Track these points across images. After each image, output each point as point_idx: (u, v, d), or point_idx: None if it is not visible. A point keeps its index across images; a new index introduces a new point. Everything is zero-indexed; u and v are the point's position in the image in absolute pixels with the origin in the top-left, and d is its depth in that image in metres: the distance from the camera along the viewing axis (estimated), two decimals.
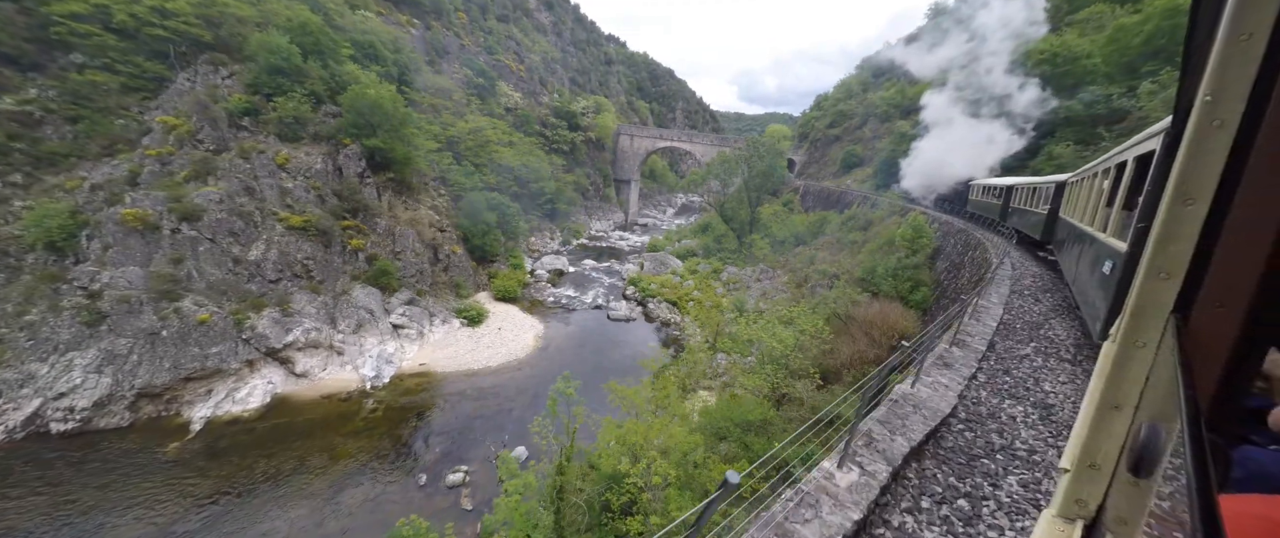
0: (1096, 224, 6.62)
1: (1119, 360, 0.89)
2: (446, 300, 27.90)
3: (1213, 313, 0.77)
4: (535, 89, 76.65)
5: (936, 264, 21.48)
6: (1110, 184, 6.34)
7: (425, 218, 28.90)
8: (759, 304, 32.51)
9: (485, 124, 49.03)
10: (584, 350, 28.15)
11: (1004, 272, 12.62)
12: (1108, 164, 6.84)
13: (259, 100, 24.30)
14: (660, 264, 43.34)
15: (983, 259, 14.71)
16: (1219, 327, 0.77)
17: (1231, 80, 0.71)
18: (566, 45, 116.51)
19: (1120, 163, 6.07)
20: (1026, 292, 11.24)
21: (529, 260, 43.13)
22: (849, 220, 38.75)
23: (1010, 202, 17.13)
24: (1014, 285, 11.49)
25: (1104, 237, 5.95)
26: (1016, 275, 12.52)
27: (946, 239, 23.00)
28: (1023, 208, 15.01)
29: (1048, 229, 11.78)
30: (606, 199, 76.67)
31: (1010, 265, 13.54)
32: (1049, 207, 11.52)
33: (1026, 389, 6.45)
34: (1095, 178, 7.38)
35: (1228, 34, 0.70)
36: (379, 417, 19.74)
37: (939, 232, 24.14)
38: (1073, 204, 9.24)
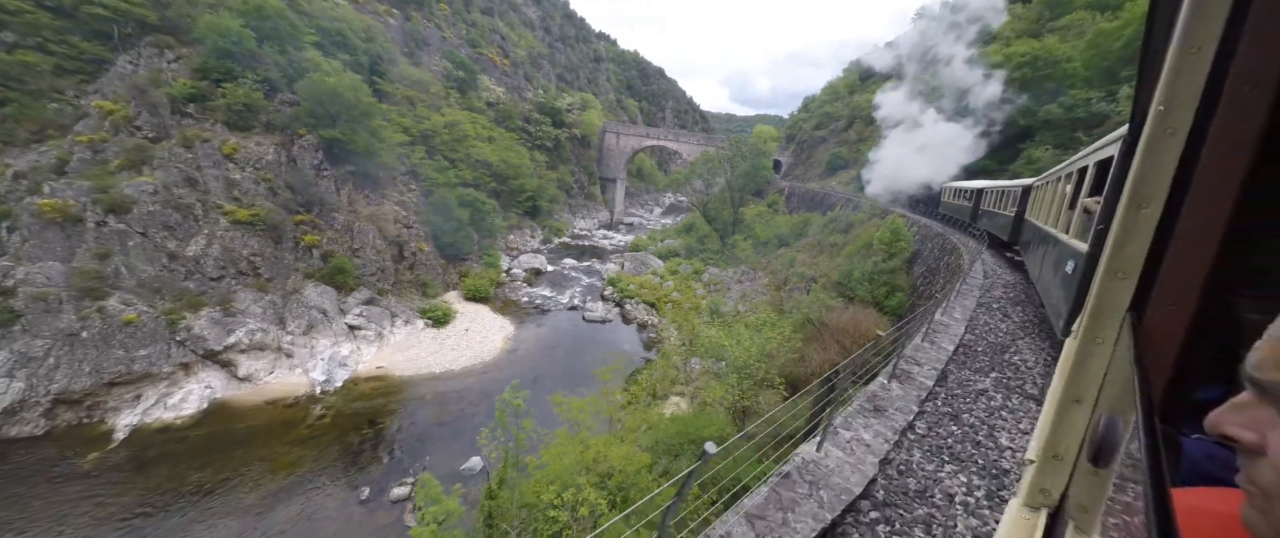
0: (1060, 226, 6.74)
1: (1079, 356, 0.94)
2: (411, 300, 26.69)
3: (1165, 311, 0.82)
4: (520, 84, 75.24)
5: (914, 268, 20.95)
6: (1073, 188, 6.50)
7: (390, 214, 27.62)
8: (738, 306, 31.83)
9: (463, 118, 47.63)
10: (556, 353, 27.16)
11: (974, 279, 11.93)
12: (1070, 168, 7.01)
13: (207, 86, 22.85)
14: (641, 264, 42.48)
15: (956, 265, 14.07)
16: (1170, 325, 0.81)
17: (1182, 90, 0.75)
18: (554, 41, 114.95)
19: (1082, 167, 6.24)
20: (995, 305, 10.43)
21: (506, 259, 41.96)
22: (831, 222, 38.29)
23: (980, 204, 17.38)
24: (983, 297, 10.70)
25: (1067, 238, 6.08)
26: (987, 285, 11.78)
27: (925, 243, 22.51)
28: (992, 210, 15.22)
29: (1015, 231, 11.94)
30: (591, 197, 75.58)
31: (981, 273, 12.86)
32: (1016, 209, 11.63)
33: (977, 445, 5.15)
34: (1059, 182, 7.54)
35: (1179, 47, 0.74)
36: (326, 424, 18.54)
37: (918, 235, 23.65)
38: (1038, 207, 9.39)
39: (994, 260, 15.54)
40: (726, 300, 34.26)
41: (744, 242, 44.16)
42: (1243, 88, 0.69)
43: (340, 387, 20.44)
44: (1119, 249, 0.87)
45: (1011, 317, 9.64)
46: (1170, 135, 0.79)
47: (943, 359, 7.09)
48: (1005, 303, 10.59)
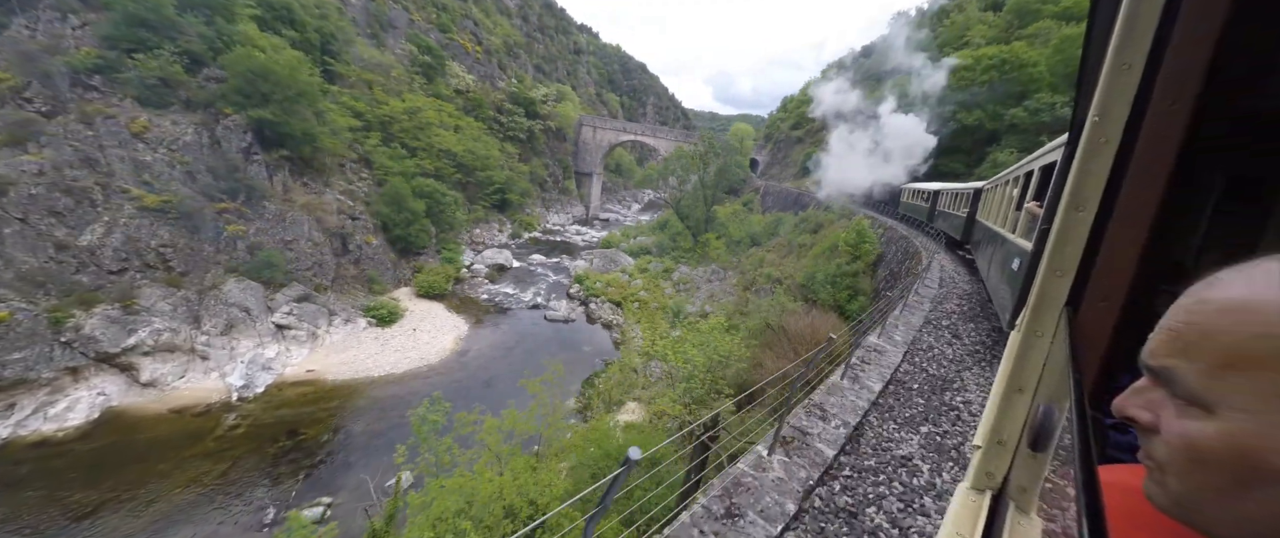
0: (1007, 226, 6.97)
1: (1022, 349, 0.99)
2: (354, 297, 24.81)
3: (1096, 307, 0.88)
4: (493, 73, 72.70)
5: (878, 271, 20.39)
6: (1019, 191, 6.73)
7: (333, 204, 25.61)
8: (704, 307, 30.98)
9: (427, 105, 45.32)
10: (512, 355, 25.73)
11: (928, 287, 11.12)
12: (1017, 173, 7.27)
13: (117, 57, 20.46)
14: (610, 262, 41.24)
15: (914, 272, 13.32)
16: (1101, 319, 0.88)
17: (1114, 103, 0.82)
18: (533, 31, 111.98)
19: (1028, 171, 6.48)
20: (945, 322, 9.20)
21: (469, 254, 40.10)
22: (802, 222, 37.82)
23: (936, 205, 18.05)
24: (934, 310, 9.74)
25: (1013, 237, 6.30)
26: (940, 295, 10.90)
27: (889, 246, 22.01)
28: (947, 211, 15.80)
29: (967, 231, 12.30)
30: (565, 192, 73.79)
31: (937, 279, 12.10)
32: (968, 210, 11.99)
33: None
34: (1007, 185, 7.80)
35: (1112, 64, 0.81)
36: (239, 435, 16.75)
37: (883, 237, 23.13)
38: (988, 208, 9.60)
39: (953, 266, 14.91)
40: (694, 300, 33.40)
41: (717, 240, 43.42)
42: (1165, 102, 0.76)
43: (261, 393, 18.59)
44: (1058, 248, 0.93)
45: (962, 338, 8.46)
46: (1104, 144, 0.85)
47: (862, 406, 5.60)
48: (957, 319, 9.48)
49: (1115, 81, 0.81)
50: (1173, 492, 0.47)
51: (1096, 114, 0.85)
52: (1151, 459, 0.49)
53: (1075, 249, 0.91)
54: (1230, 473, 0.41)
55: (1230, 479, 0.41)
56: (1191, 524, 0.46)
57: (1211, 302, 0.45)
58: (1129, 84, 0.80)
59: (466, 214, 44.15)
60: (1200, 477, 0.44)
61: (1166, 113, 0.76)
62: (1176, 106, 0.75)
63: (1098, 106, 0.85)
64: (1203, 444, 0.43)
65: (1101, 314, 0.87)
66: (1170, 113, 0.75)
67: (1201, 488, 0.44)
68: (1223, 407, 0.42)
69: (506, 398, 16.68)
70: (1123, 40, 0.79)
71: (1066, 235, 0.92)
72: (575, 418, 20.57)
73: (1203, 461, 0.43)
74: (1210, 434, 0.43)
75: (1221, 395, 0.42)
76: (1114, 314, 0.86)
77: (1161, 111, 0.76)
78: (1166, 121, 0.76)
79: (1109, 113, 0.83)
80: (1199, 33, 0.71)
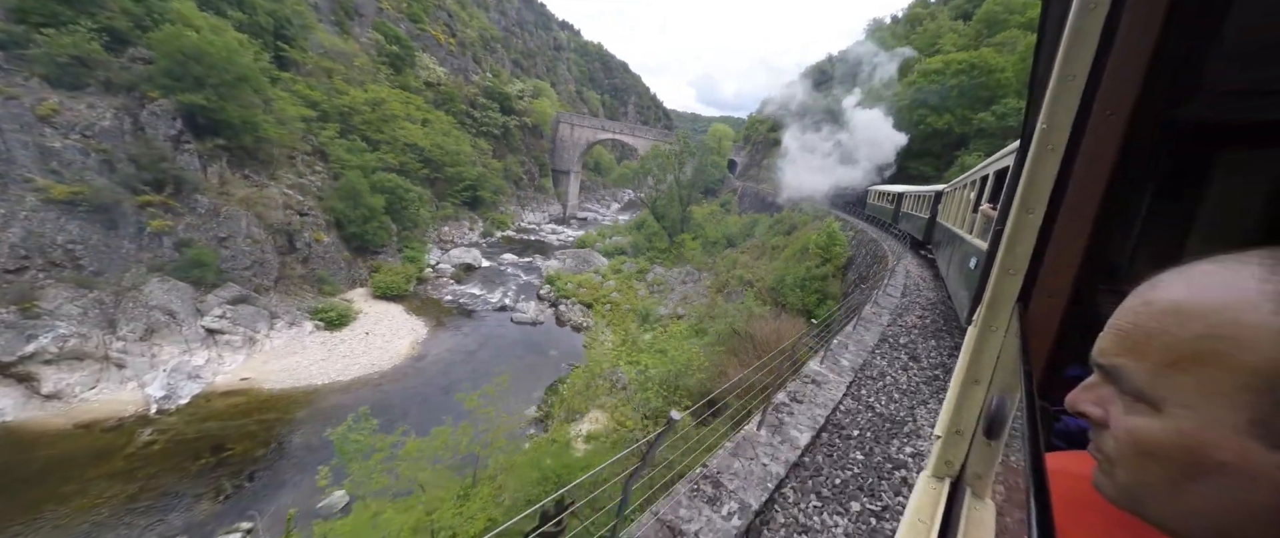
0: (965, 227, 7.17)
1: (978, 343, 1.03)
2: (301, 299, 23.16)
3: (1044, 303, 0.94)
4: (467, 66, 70.57)
5: (848, 274, 20.05)
6: (976, 194, 6.95)
7: (278, 198, 23.87)
8: (677, 309, 30.31)
9: (392, 96, 43.36)
10: (474, 359, 24.49)
11: (890, 296, 10.56)
12: (974, 177, 7.47)
13: (24, 32, 18.42)
14: (583, 262, 40.22)
15: (884, 277, 12.81)
16: (1048, 314, 0.93)
17: (1060, 112, 0.87)
18: (511, 25, 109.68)
19: (984, 176, 6.70)
20: (903, 341, 8.12)
21: (436, 253, 38.48)
22: (777, 224, 37.61)
23: (901, 207, 18.42)
24: (894, 325, 8.97)
25: (970, 238, 6.49)
26: (903, 306, 10.25)
27: (859, 249, 21.76)
28: (910, 213, 16.24)
29: (928, 231, 12.61)
30: (542, 190, 72.26)
31: (901, 287, 11.58)
32: (930, 212, 12.30)
33: None
34: (965, 188, 8.02)
35: (1058, 75, 0.86)
36: (155, 451, 15.15)
37: (853, 240, 22.88)
38: (948, 210, 9.82)
39: (918, 271, 14.51)
40: (667, 301, 32.71)
41: (693, 241, 42.89)
42: (1105, 112, 0.81)
43: (186, 404, 16.95)
44: (1010, 248, 0.98)
45: (920, 359, 7.41)
46: (1051, 151, 0.90)
47: (777, 473, 4.31)
48: (917, 335, 8.49)
49: (1061, 91, 0.86)
50: (1121, 483, 0.48)
51: (1044, 122, 0.90)
52: (1101, 452, 0.51)
53: (1026, 249, 0.96)
54: (1175, 467, 0.43)
55: (1175, 472, 0.43)
56: (1138, 514, 0.48)
57: (1156, 303, 0.47)
58: (1073, 94, 0.85)
59: (434, 211, 42.45)
60: (1147, 470, 0.45)
61: (1106, 122, 0.81)
62: (1114, 116, 0.80)
63: (1045, 115, 0.89)
64: (1149, 439, 0.45)
65: (1049, 310, 0.94)
66: (1109, 122, 0.81)
67: (1148, 480, 0.46)
68: (1168, 404, 0.44)
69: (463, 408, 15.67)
70: (1068, 53, 0.84)
71: (1018, 236, 0.97)
72: (536, 428, 19.60)
73: (1149, 454, 0.45)
74: (1156, 430, 0.44)
75: (1166, 393, 0.44)
76: (1060, 310, 0.92)
77: (1102, 120, 0.82)
78: (1106, 130, 0.81)
79: (1055, 121, 0.88)
80: (1135, 49, 0.76)
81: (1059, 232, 0.90)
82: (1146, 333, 0.46)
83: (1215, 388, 0.41)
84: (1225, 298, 0.42)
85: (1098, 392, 0.52)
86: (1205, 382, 0.42)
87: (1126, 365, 0.47)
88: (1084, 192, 0.85)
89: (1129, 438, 0.47)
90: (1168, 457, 0.43)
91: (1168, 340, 0.44)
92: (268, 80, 27.56)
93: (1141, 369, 0.46)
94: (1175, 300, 0.45)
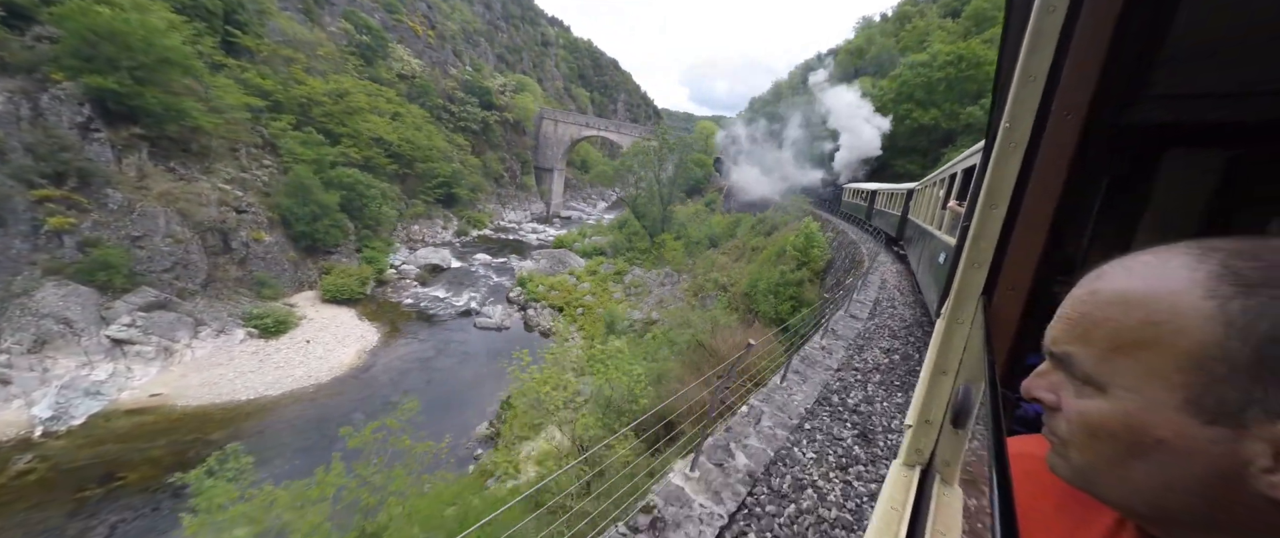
0: (935, 223, 7.27)
1: (946, 335, 1.05)
2: (235, 303, 21.19)
3: (1007, 295, 0.97)
4: (446, 59, 68.36)
5: (826, 279, 18.59)
6: (945, 191, 7.11)
7: (208, 194, 21.83)
8: (651, 314, 28.71)
9: (357, 88, 41.21)
10: (428, 369, 22.69)
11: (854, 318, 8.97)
12: (944, 175, 7.59)
13: None
14: (558, 263, 38.46)
15: (857, 284, 11.28)
16: (1010, 306, 0.97)
17: (1022, 111, 0.89)
18: (497, 19, 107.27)
19: (952, 174, 6.91)
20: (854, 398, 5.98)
21: (404, 252, 36.49)
22: (759, 223, 36.17)
23: (874, 204, 18.42)
24: (854, 356, 7.25)
25: (940, 234, 6.61)
26: (868, 330, 8.47)
27: (840, 252, 20.35)
28: (883, 210, 16.25)
29: (901, 228, 12.65)
30: (524, 187, 70.26)
31: (871, 303, 10.02)
32: (902, 209, 12.33)
33: None
34: (935, 186, 8.12)
35: (1020, 76, 0.88)
36: (30, 482, 13.18)
37: (833, 242, 21.43)
38: (919, 207, 9.80)
39: (897, 279, 13.02)
40: (644, 305, 31.11)
41: (674, 241, 41.34)
42: (1063, 112, 0.84)
43: (80, 424, 14.98)
44: (975, 243, 1.00)
45: (875, 438, 5.09)
46: (1014, 148, 0.92)
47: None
48: (879, 386, 6.29)
49: (1023, 91, 0.88)
50: (1074, 464, 0.51)
51: (1007, 121, 0.92)
52: (1055, 435, 0.53)
53: (990, 243, 0.98)
54: (1121, 445, 0.46)
55: (1121, 451, 0.46)
56: (1090, 491, 0.51)
57: (1100, 292, 0.49)
58: (1034, 94, 0.87)
59: (403, 209, 40.44)
60: (1097, 449, 0.48)
61: (1064, 121, 0.84)
62: (1072, 116, 0.84)
63: (1008, 114, 0.92)
64: (1097, 420, 0.47)
65: (1011, 302, 0.97)
66: (1067, 122, 0.84)
67: (1097, 459, 0.48)
68: (1113, 387, 0.46)
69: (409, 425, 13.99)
70: (1029, 55, 0.85)
71: (982, 231, 0.99)
72: (484, 447, 17.90)
73: (1098, 435, 0.48)
74: (1104, 411, 0.47)
75: (1111, 377, 0.46)
76: (1021, 302, 0.96)
77: (1060, 120, 0.85)
78: (1064, 129, 0.85)
79: (1017, 120, 0.90)
80: (1090, 53, 0.80)
81: (1021, 227, 0.94)
82: (1093, 321, 0.48)
83: (1155, 370, 0.44)
84: (1161, 286, 0.44)
85: (1050, 378, 0.53)
86: (1146, 365, 0.44)
87: (1075, 352, 0.49)
88: (1044, 188, 0.89)
89: (1080, 420, 0.49)
90: (1114, 436, 0.46)
91: (1112, 327, 0.46)
92: (207, 66, 25.51)
93: (1089, 355, 0.48)
94: (1118, 290, 0.47)
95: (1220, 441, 0.41)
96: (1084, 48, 0.80)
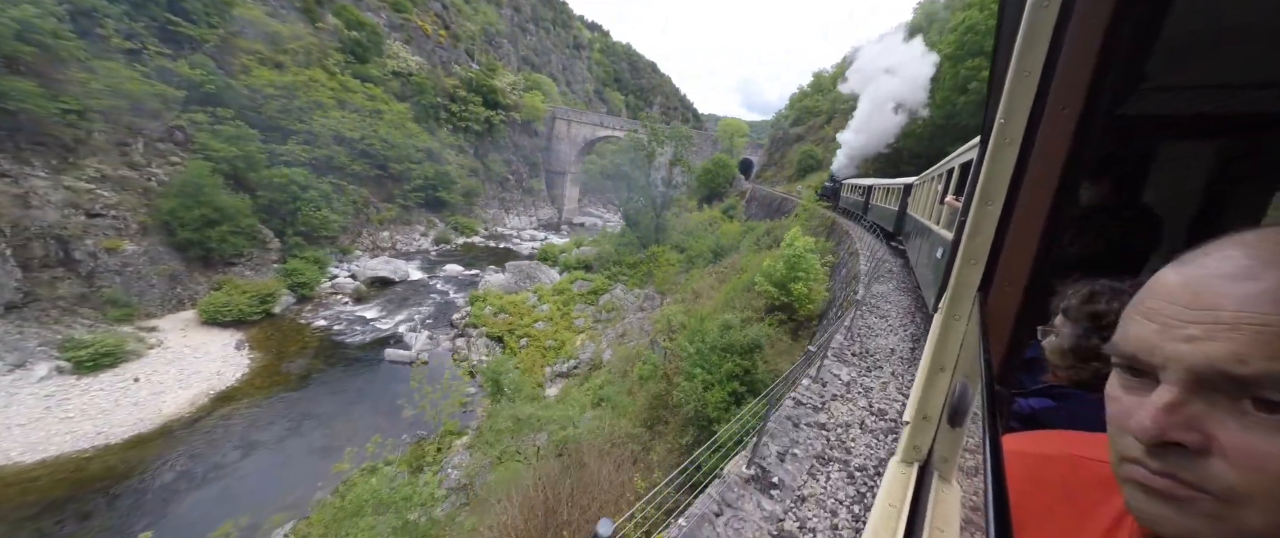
0: (933, 218, 7.17)
1: (943, 331, 1.04)
2: (61, 327, 17.00)
3: (1003, 292, 0.96)
4: (458, 59, 65.58)
5: (820, 329, 11.10)
6: (943, 186, 7.03)
7: (47, 194, 17.93)
8: (602, 353, 21.95)
9: (331, 82, 38.04)
10: (293, 416, 17.40)
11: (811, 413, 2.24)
12: (941, 170, 7.59)
13: None
14: (526, 277, 32.65)
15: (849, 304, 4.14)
16: (1006, 303, 0.95)
17: (1016, 107, 0.89)
18: (525, 21, 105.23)
19: (950, 169, 6.81)
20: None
21: (347, 264, 32.17)
22: (767, 233, 28.39)
23: (871, 199, 17.51)
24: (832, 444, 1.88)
25: (938, 228, 6.48)
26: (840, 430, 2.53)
27: (837, 269, 12.82)
28: (879, 205, 15.58)
29: (898, 223, 12.12)
30: (531, 191, 65.79)
31: (842, 384, 2.77)
32: (899, 204, 12.02)
33: None
34: (933, 181, 8.03)
35: (1014, 71, 0.88)
36: None
37: (842, 264, 13.77)
38: (917, 202, 9.67)
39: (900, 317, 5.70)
40: (603, 337, 24.39)
41: (667, 252, 34.37)
42: (1059, 107, 0.83)
43: None
44: (972, 238, 1.00)
45: None
46: (1009, 144, 0.91)
47: None
48: None
49: (1018, 86, 0.88)
50: (1254, 528, 0.38)
51: (1002, 116, 0.91)
52: (1201, 489, 0.40)
53: (986, 239, 0.98)
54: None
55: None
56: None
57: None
58: (1028, 89, 0.86)
59: (372, 213, 36.48)
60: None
61: (1060, 116, 0.83)
62: (1067, 111, 0.82)
63: (1004, 109, 0.91)
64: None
65: (1007, 298, 0.95)
66: (1062, 116, 0.82)
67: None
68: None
69: (227, 508, 8.46)
70: (1023, 50, 0.85)
71: (979, 226, 0.98)
72: None
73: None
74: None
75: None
76: (1018, 298, 0.93)
77: (1055, 115, 0.83)
78: (1060, 124, 0.83)
79: (1013, 115, 0.89)
80: (1084, 47, 0.78)
81: (1017, 222, 0.92)
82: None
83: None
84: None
85: (1187, 412, 0.40)
86: None
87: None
88: (1040, 183, 0.88)
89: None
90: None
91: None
92: (122, 54, 22.32)
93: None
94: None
95: None
96: (1078, 41, 0.78)
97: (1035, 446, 0.63)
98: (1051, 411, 1.22)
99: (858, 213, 20.73)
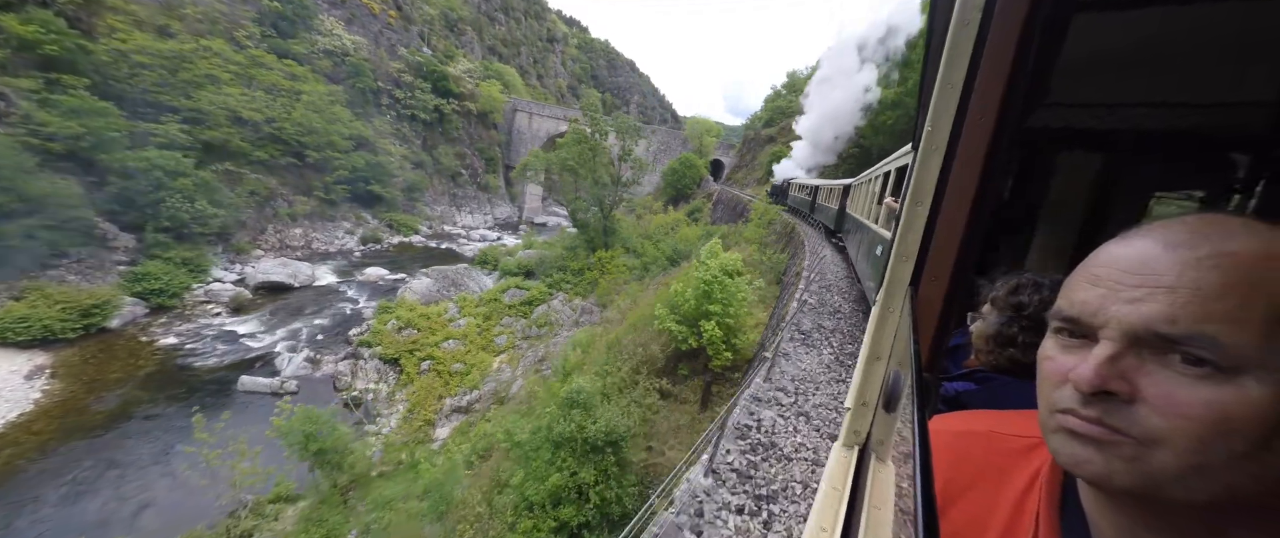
0: (869, 217, 7.67)
1: (879, 323, 1.10)
2: None
3: (930, 286, 1.02)
4: (408, 42, 60.44)
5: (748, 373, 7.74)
6: (880, 188, 7.29)
7: None
8: (513, 381, 18.15)
9: (237, 57, 32.99)
10: (65, 477, 12.99)
11: None
12: (878, 172, 7.79)
13: None
14: (451, 284, 28.47)
15: None
16: (933, 296, 1.02)
17: (942, 115, 0.95)
18: (493, 10, 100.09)
19: (886, 172, 7.09)
20: None
21: (238, 267, 27.40)
22: (722, 238, 25.14)
23: (816, 198, 17.89)
24: None
25: (877, 227, 6.86)
26: None
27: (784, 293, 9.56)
28: (823, 204, 16.22)
29: (839, 221, 12.69)
30: (486, 188, 61.09)
31: None
32: (840, 204, 12.48)
33: None
34: (870, 182, 8.36)
35: (940, 83, 0.94)
36: None
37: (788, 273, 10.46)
38: (856, 202, 9.95)
39: None
40: (520, 362, 20.57)
41: (624, 256, 30.80)
42: (977, 117, 0.89)
43: None
44: (904, 237, 1.06)
45: None
46: (936, 150, 0.98)
47: None
48: None
49: (943, 97, 0.94)
50: (1160, 465, 0.42)
51: (930, 124, 0.98)
52: (1125, 434, 0.44)
53: (916, 237, 1.04)
54: (1259, 437, 0.39)
55: (1258, 443, 0.40)
56: (1160, 495, 0.44)
57: (1239, 257, 0.41)
58: (952, 100, 0.93)
59: (215, 208, 31.55)
60: (1222, 445, 0.40)
61: (978, 125, 0.89)
62: (984, 121, 0.88)
63: (931, 118, 0.97)
64: (1240, 411, 0.40)
65: (934, 292, 1.01)
66: (981, 125, 0.89)
67: (1214, 457, 0.40)
68: (1263, 369, 0.39)
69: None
70: (948, 64, 0.91)
71: (910, 225, 1.04)
72: None
73: (1230, 429, 0.40)
74: (1252, 399, 0.39)
75: (1265, 358, 0.39)
76: (943, 291, 1.00)
77: (975, 124, 0.90)
78: (978, 133, 0.89)
79: (938, 124, 0.96)
80: (998, 64, 0.85)
81: (942, 222, 0.98)
82: (1242, 293, 0.40)
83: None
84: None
85: (1120, 364, 0.45)
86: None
87: (1216, 332, 0.41)
88: (962, 186, 0.93)
89: (1203, 413, 0.40)
90: (1260, 426, 0.39)
91: (1274, 297, 0.40)
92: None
93: (1238, 334, 0.40)
94: (1261, 252, 0.41)
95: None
96: (993, 59, 0.85)
97: (961, 424, 0.70)
98: (973, 393, 1.29)
99: (805, 212, 21.29)
